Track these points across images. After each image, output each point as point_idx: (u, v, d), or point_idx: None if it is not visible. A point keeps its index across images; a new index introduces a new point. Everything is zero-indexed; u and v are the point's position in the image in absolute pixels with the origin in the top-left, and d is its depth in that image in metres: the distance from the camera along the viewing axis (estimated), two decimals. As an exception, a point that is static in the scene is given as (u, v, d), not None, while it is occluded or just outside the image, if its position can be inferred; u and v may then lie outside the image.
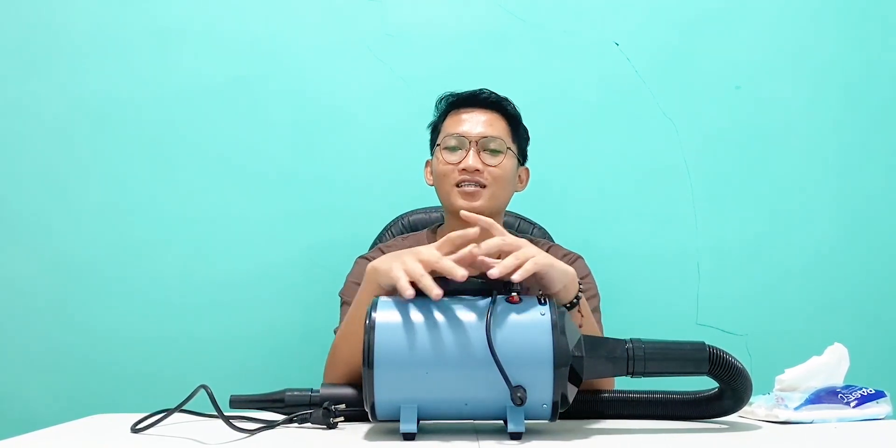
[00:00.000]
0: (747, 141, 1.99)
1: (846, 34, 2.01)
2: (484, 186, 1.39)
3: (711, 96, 1.99)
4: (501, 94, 1.46)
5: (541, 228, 1.72)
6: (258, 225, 1.93)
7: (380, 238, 1.70)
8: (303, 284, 1.91)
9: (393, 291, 0.98)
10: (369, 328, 0.90)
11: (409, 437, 0.90)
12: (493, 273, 0.94)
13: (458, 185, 1.39)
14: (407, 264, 0.96)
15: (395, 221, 1.72)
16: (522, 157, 1.49)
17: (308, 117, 1.95)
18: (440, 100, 1.48)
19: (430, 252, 0.98)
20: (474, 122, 1.41)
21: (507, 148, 1.41)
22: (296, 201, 1.94)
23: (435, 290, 0.92)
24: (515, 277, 0.94)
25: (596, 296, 1.40)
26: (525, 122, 1.48)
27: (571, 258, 1.44)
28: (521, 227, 1.70)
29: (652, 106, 1.98)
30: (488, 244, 0.99)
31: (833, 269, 1.98)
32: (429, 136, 1.51)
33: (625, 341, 0.96)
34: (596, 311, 1.37)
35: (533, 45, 1.98)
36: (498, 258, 0.98)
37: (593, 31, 1.99)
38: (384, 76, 1.96)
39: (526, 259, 0.96)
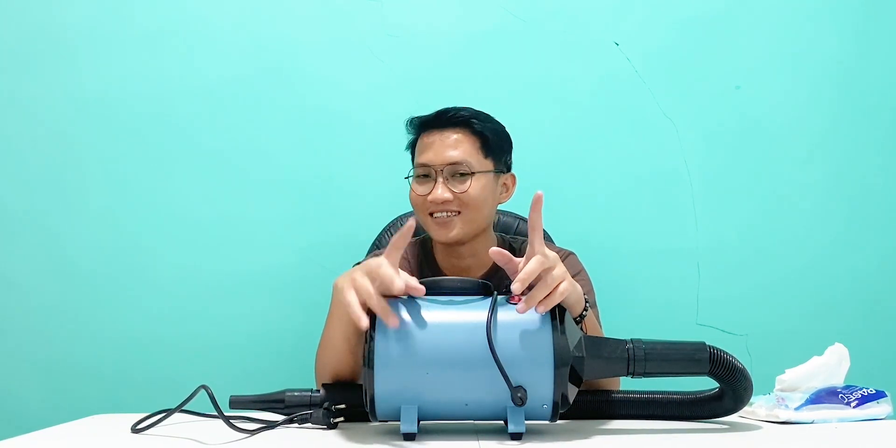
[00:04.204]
0: (747, 141, 1.99)
1: (846, 34, 2.01)
2: (459, 212, 1.37)
3: (711, 96, 1.99)
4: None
5: (538, 229, 1.70)
6: (258, 225, 1.93)
7: (379, 239, 1.70)
8: (303, 285, 1.90)
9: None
10: (370, 329, 0.90)
11: (409, 437, 0.90)
12: (520, 308, 0.91)
13: (431, 215, 1.37)
14: (357, 282, 0.93)
15: (393, 222, 1.72)
16: (506, 167, 1.45)
17: (308, 117, 1.95)
18: (408, 122, 1.44)
19: (376, 263, 0.94)
20: (439, 148, 1.37)
21: (473, 172, 1.37)
22: (295, 202, 1.94)
23: (388, 317, 0.89)
24: (540, 310, 0.92)
25: (591, 291, 1.39)
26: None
27: (563, 254, 1.42)
28: (521, 227, 1.70)
29: (652, 106, 1.98)
30: (528, 271, 0.92)
31: (833, 269, 1.98)
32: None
33: (625, 342, 0.96)
34: (593, 306, 1.35)
35: (533, 46, 1.98)
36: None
37: (593, 31, 1.98)
38: (384, 76, 1.96)
39: (555, 286, 0.92)
